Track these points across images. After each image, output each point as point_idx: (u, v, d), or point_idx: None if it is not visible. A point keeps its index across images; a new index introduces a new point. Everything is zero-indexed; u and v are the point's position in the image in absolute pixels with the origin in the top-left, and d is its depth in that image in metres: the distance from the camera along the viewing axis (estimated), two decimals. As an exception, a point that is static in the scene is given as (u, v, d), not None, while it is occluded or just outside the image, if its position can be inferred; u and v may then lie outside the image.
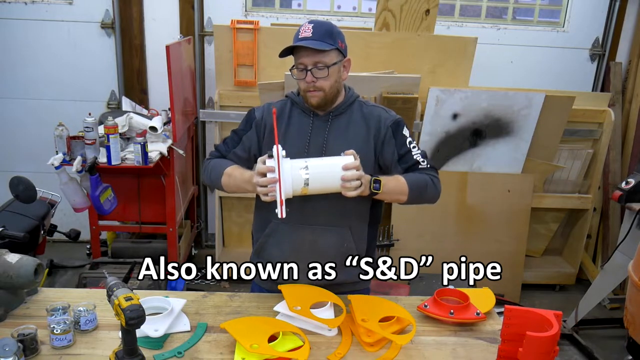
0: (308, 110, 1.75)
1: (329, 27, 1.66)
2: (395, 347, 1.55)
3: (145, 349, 1.44)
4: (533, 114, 3.49)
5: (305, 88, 1.67)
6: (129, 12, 3.86)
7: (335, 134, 1.72)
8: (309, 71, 1.64)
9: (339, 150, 1.60)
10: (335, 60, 1.66)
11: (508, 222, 3.67)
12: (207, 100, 4.10)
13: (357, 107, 1.77)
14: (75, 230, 3.21)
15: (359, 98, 1.81)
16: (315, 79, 1.64)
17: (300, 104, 1.76)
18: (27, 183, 2.49)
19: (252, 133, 1.79)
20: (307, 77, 1.64)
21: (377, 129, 1.75)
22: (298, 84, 1.71)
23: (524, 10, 4.20)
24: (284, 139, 1.72)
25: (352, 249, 1.79)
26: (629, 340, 2.43)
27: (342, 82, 1.75)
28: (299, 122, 1.75)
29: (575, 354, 3.20)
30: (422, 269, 3.56)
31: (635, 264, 2.21)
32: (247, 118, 1.82)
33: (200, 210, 4.37)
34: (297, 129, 1.74)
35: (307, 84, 1.65)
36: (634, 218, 3.01)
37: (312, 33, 1.62)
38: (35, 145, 3.97)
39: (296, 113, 1.77)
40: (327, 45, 1.62)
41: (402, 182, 1.69)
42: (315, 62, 1.63)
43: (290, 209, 1.59)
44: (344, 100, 1.76)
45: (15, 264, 1.61)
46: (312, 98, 1.68)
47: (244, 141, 1.80)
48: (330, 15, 4.01)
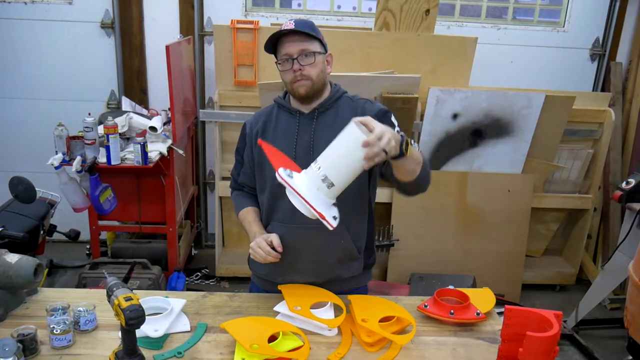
0: (294, 110, 1.75)
1: (309, 22, 1.70)
2: (395, 347, 1.55)
3: (145, 349, 1.44)
4: (533, 114, 3.49)
5: (292, 78, 1.66)
6: (129, 12, 3.86)
7: (321, 130, 1.71)
8: (295, 60, 1.64)
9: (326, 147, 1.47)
10: (319, 50, 1.67)
11: (508, 222, 3.67)
12: (207, 100, 4.10)
13: (344, 102, 1.77)
14: (75, 230, 3.21)
15: (346, 94, 1.80)
16: (302, 67, 1.64)
17: (286, 105, 1.77)
18: (26, 183, 2.49)
19: (248, 148, 1.83)
20: (294, 65, 1.64)
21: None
22: (284, 78, 1.70)
23: (524, 10, 4.20)
24: (272, 142, 1.73)
25: (350, 245, 1.78)
26: (629, 341, 2.43)
27: (327, 76, 1.75)
28: (286, 123, 1.76)
29: (576, 354, 3.20)
30: (422, 268, 3.61)
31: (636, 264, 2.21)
32: (241, 134, 1.87)
33: (200, 210, 4.37)
34: (283, 130, 1.75)
35: (294, 73, 1.65)
36: (635, 218, 3.00)
37: (295, 25, 1.64)
38: (35, 145, 3.97)
39: (282, 115, 1.78)
40: (311, 32, 1.65)
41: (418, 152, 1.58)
42: (301, 49, 1.64)
43: (285, 208, 1.59)
44: (330, 96, 1.76)
45: (15, 264, 1.60)
46: (300, 87, 1.67)
47: (245, 159, 1.85)
48: (330, 15, 4.01)
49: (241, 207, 1.86)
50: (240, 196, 1.91)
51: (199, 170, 4.26)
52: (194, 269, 3.97)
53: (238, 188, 1.93)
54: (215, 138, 3.65)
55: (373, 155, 1.32)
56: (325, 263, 1.78)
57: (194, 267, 4.00)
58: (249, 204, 1.86)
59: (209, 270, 3.95)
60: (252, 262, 1.91)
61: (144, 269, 3.06)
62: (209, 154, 4.24)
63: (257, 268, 1.90)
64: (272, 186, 1.74)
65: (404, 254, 3.63)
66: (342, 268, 1.81)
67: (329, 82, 1.78)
